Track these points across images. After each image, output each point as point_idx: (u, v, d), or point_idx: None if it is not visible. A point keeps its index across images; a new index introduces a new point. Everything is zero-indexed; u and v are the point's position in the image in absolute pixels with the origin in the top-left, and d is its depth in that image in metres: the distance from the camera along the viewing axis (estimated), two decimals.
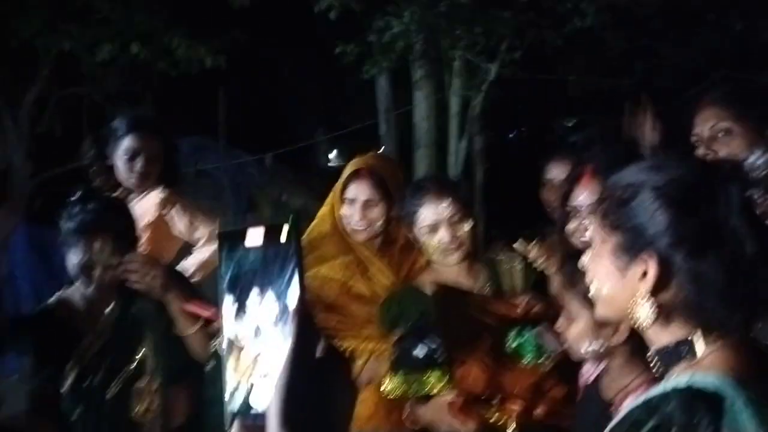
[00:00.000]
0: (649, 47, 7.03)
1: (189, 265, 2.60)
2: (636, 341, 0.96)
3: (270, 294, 0.69)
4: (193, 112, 7.93)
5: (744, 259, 0.86)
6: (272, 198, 7.91)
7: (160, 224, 2.56)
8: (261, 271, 0.69)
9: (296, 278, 0.68)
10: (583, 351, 1.53)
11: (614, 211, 0.95)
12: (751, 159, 0.95)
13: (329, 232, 2.13)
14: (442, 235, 1.97)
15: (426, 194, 2.01)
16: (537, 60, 6.72)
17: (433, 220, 1.97)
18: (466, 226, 2.01)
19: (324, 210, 2.19)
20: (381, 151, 7.95)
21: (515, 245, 1.99)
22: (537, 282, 1.94)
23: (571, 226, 1.77)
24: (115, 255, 2.00)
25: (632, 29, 6.57)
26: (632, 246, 0.92)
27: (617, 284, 0.94)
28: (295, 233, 0.69)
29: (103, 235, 1.98)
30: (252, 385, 0.70)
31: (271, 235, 0.69)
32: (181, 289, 2.06)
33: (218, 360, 2.02)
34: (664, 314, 0.91)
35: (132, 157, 2.51)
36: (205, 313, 1.96)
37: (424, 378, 1.91)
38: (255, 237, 0.70)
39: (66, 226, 2.01)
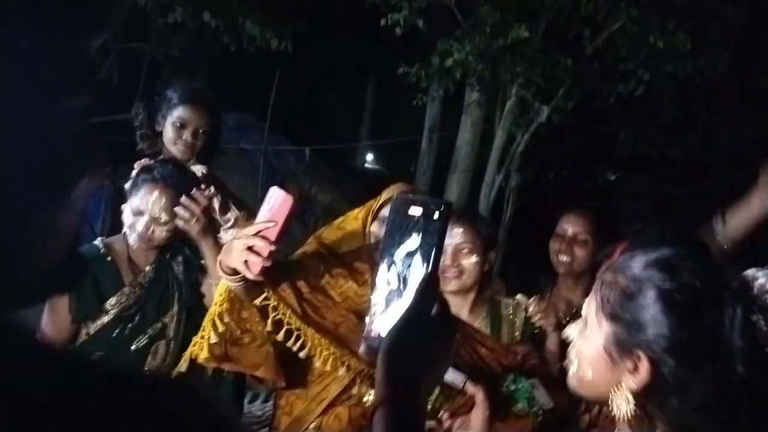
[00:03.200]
0: (706, 123, 6.93)
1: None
2: None
3: (418, 257, 0.87)
4: (245, 89, 8.05)
5: (735, 382, 0.83)
6: (303, 189, 7.99)
7: None
8: (416, 237, 0.88)
9: (437, 251, 0.86)
10: None
11: (617, 301, 0.94)
12: (762, 280, 0.87)
13: (359, 238, 2.02)
14: (444, 258, 1.96)
15: None
16: (591, 111, 6.69)
17: None
18: (473, 259, 2.02)
19: (355, 225, 2.04)
20: (418, 167, 7.98)
21: (518, 296, 2.01)
22: (533, 336, 1.96)
23: None
24: (166, 212, 2.13)
25: (692, 101, 6.49)
26: (627, 340, 0.91)
27: (604, 372, 0.94)
28: (447, 216, 0.87)
29: (168, 189, 2.13)
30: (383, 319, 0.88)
31: (428, 211, 0.88)
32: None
33: None
34: (647, 418, 0.90)
35: (181, 127, 2.62)
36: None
37: None
38: (417, 208, 0.89)
39: (140, 176, 2.18)
